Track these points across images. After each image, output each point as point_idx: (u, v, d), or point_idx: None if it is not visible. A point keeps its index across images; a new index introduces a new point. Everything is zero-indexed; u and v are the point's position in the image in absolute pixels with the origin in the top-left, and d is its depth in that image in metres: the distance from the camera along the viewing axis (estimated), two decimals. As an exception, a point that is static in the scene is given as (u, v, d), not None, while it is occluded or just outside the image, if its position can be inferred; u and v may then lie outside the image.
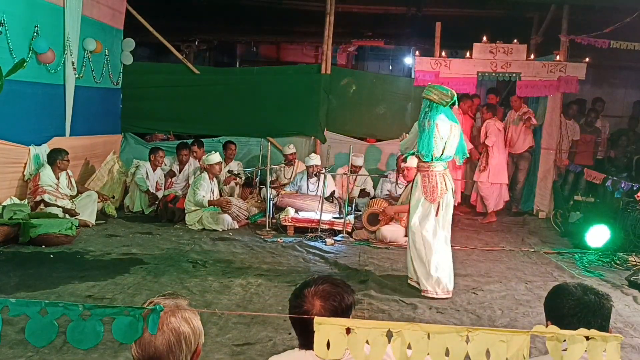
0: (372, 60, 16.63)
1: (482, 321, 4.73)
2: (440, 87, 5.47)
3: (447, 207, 5.48)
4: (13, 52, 6.76)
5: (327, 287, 2.00)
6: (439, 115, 5.36)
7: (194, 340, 1.72)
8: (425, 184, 5.44)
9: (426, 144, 5.35)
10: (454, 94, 5.41)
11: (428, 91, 5.44)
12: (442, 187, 5.41)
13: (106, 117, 9.49)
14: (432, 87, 5.49)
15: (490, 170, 8.89)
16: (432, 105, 5.38)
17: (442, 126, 5.35)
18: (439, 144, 5.35)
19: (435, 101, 5.35)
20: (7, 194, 6.91)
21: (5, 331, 3.55)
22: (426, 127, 5.36)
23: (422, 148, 5.38)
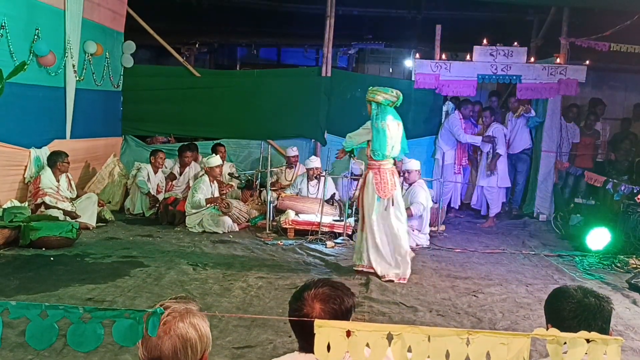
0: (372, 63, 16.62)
1: (483, 324, 4.73)
2: (385, 89, 5.90)
3: (399, 201, 5.92)
4: (14, 55, 6.76)
5: (327, 290, 2.00)
6: (388, 116, 5.82)
7: (200, 348, 1.71)
8: (378, 180, 5.83)
9: (380, 144, 5.79)
10: (399, 94, 5.87)
11: (373, 94, 5.84)
12: (392, 182, 5.85)
13: (107, 120, 9.50)
14: (376, 89, 5.90)
15: (498, 174, 8.87)
16: (380, 107, 5.82)
17: (392, 126, 5.84)
18: (389, 143, 5.80)
19: (381, 102, 5.80)
20: (8, 197, 6.91)
21: (5, 334, 3.55)
22: (380, 128, 5.78)
23: (377, 148, 5.81)
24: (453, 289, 5.65)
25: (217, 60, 15.21)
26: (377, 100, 5.82)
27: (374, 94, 5.84)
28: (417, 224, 7.37)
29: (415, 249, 7.21)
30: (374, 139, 5.80)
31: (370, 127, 5.85)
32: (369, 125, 5.87)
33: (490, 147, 8.80)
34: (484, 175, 8.95)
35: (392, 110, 5.88)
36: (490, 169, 8.80)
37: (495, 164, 8.79)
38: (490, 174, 8.83)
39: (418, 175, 7.53)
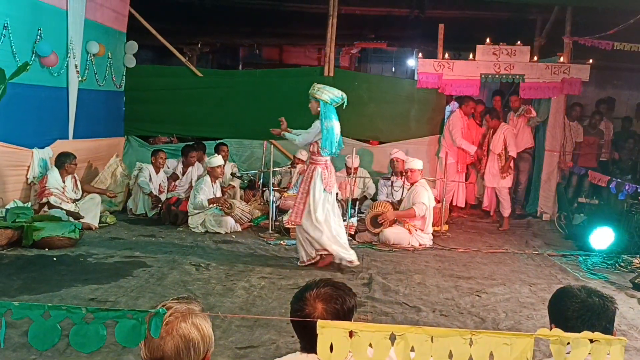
0: (375, 63, 16.66)
1: (486, 324, 4.72)
2: (331, 88, 6.07)
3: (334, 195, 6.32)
4: (16, 56, 6.78)
5: (329, 290, 2.00)
6: (333, 115, 6.05)
7: (202, 348, 1.71)
8: (325, 175, 6.12)
9: (330, 142, 6.04)
10: (345, 96, 6.04)
11: (319, 92, 5.99)
12: (332, 177, 6.22)
13: (109, 120, 9.51)
14: (322, 87, 6.04)
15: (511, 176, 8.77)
16: (326, 106, 6.00)
17: (336, 125, 6.08)
18: (335, 141, 6.09)
19: (327, 101, 5.97)
20: (11, 197, 6.93)
21: (8, 334, 3.56)
22: (329, 127, 6.00)
23: (328, 146, 6.05)
24: (456, 289, 5.64)
25: (220, 60, 15.24)
26: (323, 98, 5.98)
27: (320, 92, 6.00)
28: (420, 223, 7.36)
29: (418, 249, 7.21)
30: (324, 137, 6.01)
31: (320, 126, 6.03)
32: (319, 125, 6.04)
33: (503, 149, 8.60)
34: (495, 176, 8.71)
35: (335, 110, 6.09)
36: (504, 172, 8.61)
37: (509, 166, 8.63)
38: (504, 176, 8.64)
39: (420, 175, 7.51)
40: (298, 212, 6.16)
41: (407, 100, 10.04)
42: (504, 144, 8.62)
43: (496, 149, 8.66)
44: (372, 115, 10.09)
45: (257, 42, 14.37)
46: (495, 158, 8.70)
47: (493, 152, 8.72)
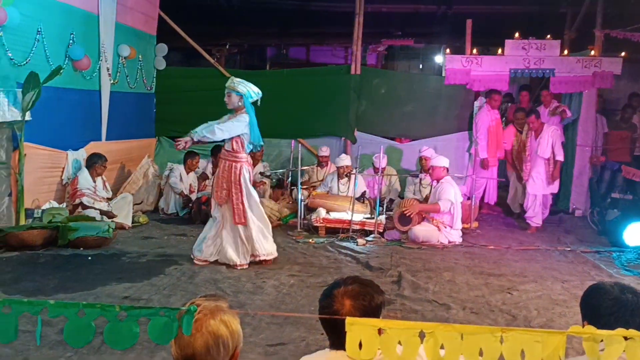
0: (402, 60, 16.54)
1: (518, 321, 4.67)
2: (249, 83, 5.96)
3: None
4: (50, 60, 6.94)
5: (357, 287, 2.00)
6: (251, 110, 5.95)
7: (231, 344, 1.73)
8: (250, 171, 6.05)
9: (256, 136, 5.99)
10: (260, 94, 5.98)
11: (238, 84, 5.87)
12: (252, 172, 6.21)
13: (141, 122, 9.66)
14: (241, 80, 5.95)
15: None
16: (244, 99, 5.90)
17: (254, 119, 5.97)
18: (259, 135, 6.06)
19: (245, 95, 5.87)
20: (47, 198, 7.09)
21: (45, 332, 3.65)
22: (254, 120, 5.92)
23: (255, 139, 6.00)
24: (487, 286, 5.59)
25: (247, 61, 15.34)
26: (241, 91, 5.85)
27: (242, 85, 5.88)
28: (448, 220, 7.30)
29: (447, 246, 7.16)
30: (252, 131, 5.91)
31: (248, 120, 5.86)
32: (247, 118, 5.87)
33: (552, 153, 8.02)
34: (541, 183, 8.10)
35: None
36: (554, 178, 8.07)
37: (559, 171, 8.16)
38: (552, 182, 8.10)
39: (444, 172, 7.42)
40: (239, 213, 5.90)
41: (435, 97, 9.97)
42: (552, 147, 8.01)
43: (544, 153, 7.97)
44: (400, 112, 10.06)
45: (284, 42, 14.43)
46: (543, 163, 8.03)
47: (540, 156, 8.01)
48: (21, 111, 6.39)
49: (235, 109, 5.91)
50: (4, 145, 6.56)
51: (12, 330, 1.63)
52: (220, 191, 5.94)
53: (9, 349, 3.69)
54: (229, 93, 5.88)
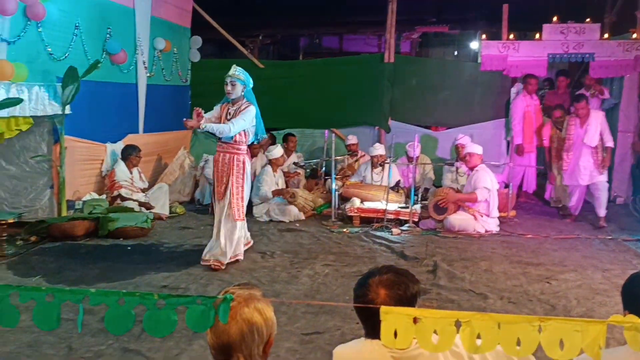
0: (436, 47, 16.36)
1: (557, 311, 4.59)
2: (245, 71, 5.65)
3: None
4: (88, 54, 7.07)
5: (391, 276, 1.99)
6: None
7: (265, 332, 1.75)
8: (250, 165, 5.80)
9: (261, 128, 5.72)
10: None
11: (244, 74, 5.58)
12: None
13: (176, 114, 9.77)
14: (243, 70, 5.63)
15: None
16: (247, 89, 5.60)
17: None
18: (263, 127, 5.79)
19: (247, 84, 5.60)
20: (87, 190, 7.26)
21: (86, 320, 3.75)
22: (259, 112, 5.62)
23: (260, 131, 5.73)
24: (525, 276, 5.50)
25: (281, 51, 15.37)
26: (244, 80, 5.56)
27: (241, 73, 5.57)
28: (484, 208, 7.20)
29: (484, 235, 7.08)
30: (258, 123, 5.64)
31: (254, 112, 5.53)
32: (254, 110, 5.54)
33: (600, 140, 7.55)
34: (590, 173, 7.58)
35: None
36: (604, 166, 7.55)
37: (610, 159, 7.69)
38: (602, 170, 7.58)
39: (479, 160, 7.32)
40: (239, 208, 5.57)
41: (471, 84, 9.82)
42: (600, 135, 7.54)
43: (592, 141, 7.49)
44: (434, 100, 9.94)
45: (316, 32, 14.40)
46: (590, 152, 7.55)
47: (587, 145, 7.53)
48: (61, 105, 6.53)
49: (236, 98, 5.54)
50: (46, 139, 6.74)
51: (55, 318, 1.68)
52: (220, 186, 5.57)
53: (52, 336, 3.81)
54: (233, 82, 5.49)
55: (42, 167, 6.77)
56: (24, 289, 1.69)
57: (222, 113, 5.58)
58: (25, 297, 1.69)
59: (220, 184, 5.57)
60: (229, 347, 1.71)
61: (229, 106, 5.56)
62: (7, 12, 5.68)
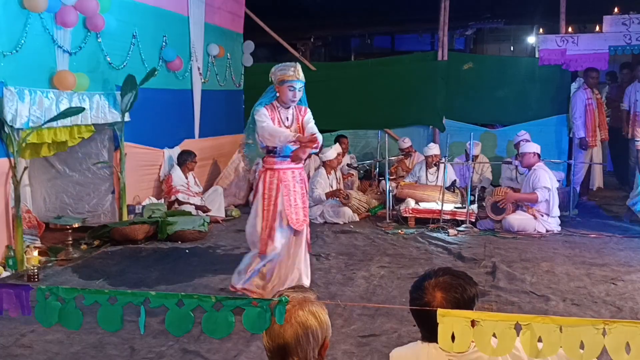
0: (491, 43, 16.04)
1: (623, 314, 4.41)
2: None
3: None
4: (145, 62, 7.27)
5: (448, 279, 1.96)
6: None
7: (321, 334, 1.75)
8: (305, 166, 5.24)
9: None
10: None
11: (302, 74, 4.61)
12: None
13: (230, 118, 9.95)
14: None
15: None
16: None
17: None
18: None
19: None
20: (146, 195, 7.47)
21: (148, 322, 3.85)
22: None
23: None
24: (588, 277, 5.31)
25: (332, 53, 15.41)
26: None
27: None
28: (544, 208, 6.99)
29: (544, 235, 6.88)
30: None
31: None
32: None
33: None
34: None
35: None
36: None
37: None
38: None
39: (535, 158, 7.10)
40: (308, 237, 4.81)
41: (528, 80, 9.58)
42: None
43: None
44: (491, 98, 9.74)
45: (368, 32, 14.36)
46: None
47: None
48: (120, 112, 6.74)
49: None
50: (106, 146, 6.97)
51: (118, 320, 1.73)
52: (299, 212, 4.60)
53: (116, 337, 3.93)
54: (303, 84, 4.67)
55: (103, 173, 7.01)
56: (88, 292, 1.75)
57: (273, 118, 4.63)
58: (89, 299, 1.74)
59: (298, 210, 4.61)
60: (285, 350, 1.72)
61: (279, 111, 4.66)
62: (69, 24, 5.90)
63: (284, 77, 4.56)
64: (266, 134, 4.52)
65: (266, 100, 4.68)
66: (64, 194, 7.07)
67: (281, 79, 4.57)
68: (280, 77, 4.58)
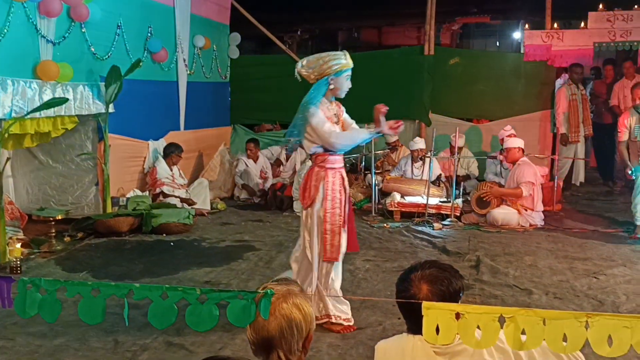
0: (477, 38, 16.12)
1: (605, 307, 4.46)
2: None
3: None
4: (130, 53, 7.20)
5: (434, 272, 1.96)
6: None
7: (305, 327, 1.75)
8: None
9: None
10: None
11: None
12: None
13: (216, 110, 9.89)
14: None
15: None
16: None
17: None
18: None
19: None
20: (130, 187, 7.41)
21: (132, 314, 3.83)
22: None
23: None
24: (571, 271, 5.37)
25: (319, 46, 15.36)
26: None
27: None
28: (528, 202, 7.05)
29: (528, 229, 6.94)
30: None
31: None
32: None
33: None
34: None
35: None
36: None
37: None
38: None
39: (519, 153, 7.15)
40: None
41: (514, 75, 9.63)
42: None
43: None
44: (476, 92, 9.77)
45: (355, 25, 14.35)
46: None
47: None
48: (104, 104, 6.68)
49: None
50: (90, 137, 6.90)
51: (100, 312, 1.72)
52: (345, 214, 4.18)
53: (99, 330, 3.90)
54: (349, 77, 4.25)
55: (87, 164, 6.94)
56: (70, 284, 1.74)
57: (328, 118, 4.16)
58: (72, 291, 1.73)
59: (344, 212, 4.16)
60: (269, 342, 1.72)
61: (327, 108, 4.22)
62: (52, 14, 5.82)
63: (342, 66, 4.12)
64: (341, 141, 4.11)
65: (319, 98, 4.14)
66: (47, 185, 7.00)
67: (339, 68, 4.10)
68: (338, 66, 4.10)
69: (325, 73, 4.10)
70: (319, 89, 4.15)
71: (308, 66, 4.15)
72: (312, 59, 4.16)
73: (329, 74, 4.09)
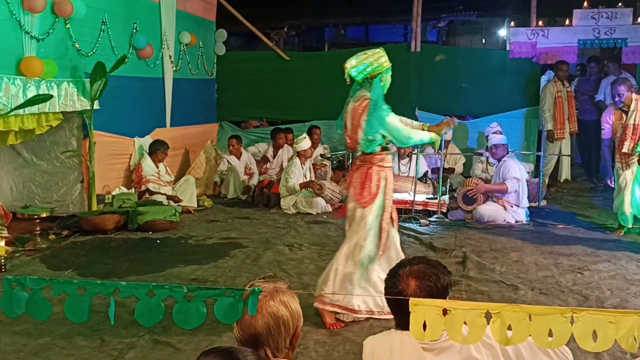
0: (463, 35, 16.15)
1: (590, 302, 4.51)
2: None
3: None
4: (115, 49, 7.14)
5: (422, 267, 1.97)
6: None
7: (292, 324, 1.75)
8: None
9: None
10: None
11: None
12: None
13: (203, 107, 9.85)
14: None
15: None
16: None
17: None
18: None
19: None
20: (116, 184, 7.35)
21: (119, 312, 3.76)
22: None
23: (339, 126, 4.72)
24: (556, 266, 5.42)
25: (306, 43, 15.35)
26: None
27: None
28: (513, 198, 7.10)
29: (514, 226, 6.99)
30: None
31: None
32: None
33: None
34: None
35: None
36: None
37: None
38: None
39: (505, 150, 7.21)
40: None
41: (500, 72, 9.69)
42: None
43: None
44: (463, 89, 9.82)
45: (342, 22, 14.33)
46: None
47: None
48: (89, 100, 6.61)
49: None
50: (75, 134, 6.83)
51: (85, 311, 1.71)
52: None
53: (85, 328, 3.87)
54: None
55: (72, 162, 6.87)
56: (56, 282, 1.72)
57: None
58: (57, 290, 1.72)
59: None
60: (256, 340, 1.72)
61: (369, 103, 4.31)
62: (36, 9, 5.75)
63: (389, 63, 4.21)
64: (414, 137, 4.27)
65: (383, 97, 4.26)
66: (32, 183, 6.92)
67: (388, 65, 4.21)
68: (388, 63, 4.20)
69: (377, 72, 4.21)
70: (378, 87, 4.27)
71: (358, 66, 4.27)
72: (361, 59, 4.27)
73: (381, 72, 4.20)
